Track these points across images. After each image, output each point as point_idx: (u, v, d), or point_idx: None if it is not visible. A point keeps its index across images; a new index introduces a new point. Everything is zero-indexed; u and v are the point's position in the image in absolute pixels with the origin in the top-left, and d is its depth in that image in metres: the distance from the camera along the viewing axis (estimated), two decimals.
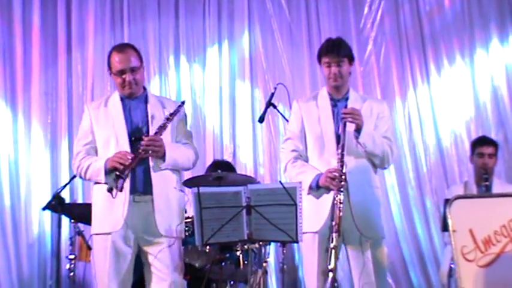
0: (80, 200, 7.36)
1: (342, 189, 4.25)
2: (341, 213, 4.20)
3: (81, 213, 5.74)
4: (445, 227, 4.66)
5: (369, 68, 8.12)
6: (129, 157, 4.26)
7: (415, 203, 7.84)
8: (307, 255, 4.55)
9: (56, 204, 5.67)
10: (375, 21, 8.18)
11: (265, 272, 5.93)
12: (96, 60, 7.86)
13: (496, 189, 5.94)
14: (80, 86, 7.82)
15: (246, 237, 4.22)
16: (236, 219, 4.15)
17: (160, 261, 4.37)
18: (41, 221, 7.44)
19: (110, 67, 4.56)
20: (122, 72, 4.47)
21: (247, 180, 5.85)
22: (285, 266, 6.16)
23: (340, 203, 4.22)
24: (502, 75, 7.98)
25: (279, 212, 4.10)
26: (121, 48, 4.61)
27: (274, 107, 5.73)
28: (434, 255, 7.55)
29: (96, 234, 4.45)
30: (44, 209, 5.84)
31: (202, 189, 4.16)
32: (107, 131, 4.48)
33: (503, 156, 7.45)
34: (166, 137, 4.45)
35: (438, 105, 8.02)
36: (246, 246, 5.36)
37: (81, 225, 5.89)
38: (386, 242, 4.70)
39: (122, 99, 4.57)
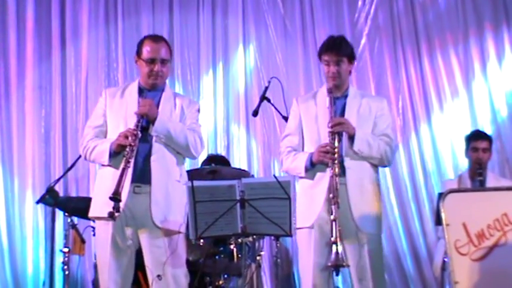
0: (73, 194, 7.35)
1: (335, 161, 4.28)
2: (338, 186, 4.22)
3: (75, 206, 5.73)
4: (438, 221, 4.68)
5: (363, 63, 8.08)
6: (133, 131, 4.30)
7: (408, 197, 7.85)
8: (303, 251, 4.57)
9: (50, 198, 5.67)
10: (368, 15, 8.16)
11: (259, 266, 5.96)
12: (90, 55, 7.85)
13: (489, 183, 5.95)
14: (73, 80, 7.78)
15: (239, 231, 4.20)
16: (230, 212, 4.14)
17: (154, 256, 4.38)
18: (34, 216, 7.42)
19: (139, 54, 4.59)
20: (151, 61, 4.52)
21: (241, 174, 5.87)
22: (278, 260, 6.18)
23: (336, 175, 4.24)
24: (495, 64, 8.00)
25: (272, 206, 4.10)
26: (155, 38, 4.70)
27: (268, 100, 5.74)
28: (428, 249, 7.56)
29: (97, 218, 4.47)
30: (37, 202, 5.81)
31: (196, 183, 4.14)
32: (118, 119, 4.52)
33: (497, 149, 7.44)
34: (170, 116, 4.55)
35: (432, 98, 8.02)
36: (239, 240, 5.38)
37: (75, 219, 5.89)
38: None
39: (140, 90, 4.61)
